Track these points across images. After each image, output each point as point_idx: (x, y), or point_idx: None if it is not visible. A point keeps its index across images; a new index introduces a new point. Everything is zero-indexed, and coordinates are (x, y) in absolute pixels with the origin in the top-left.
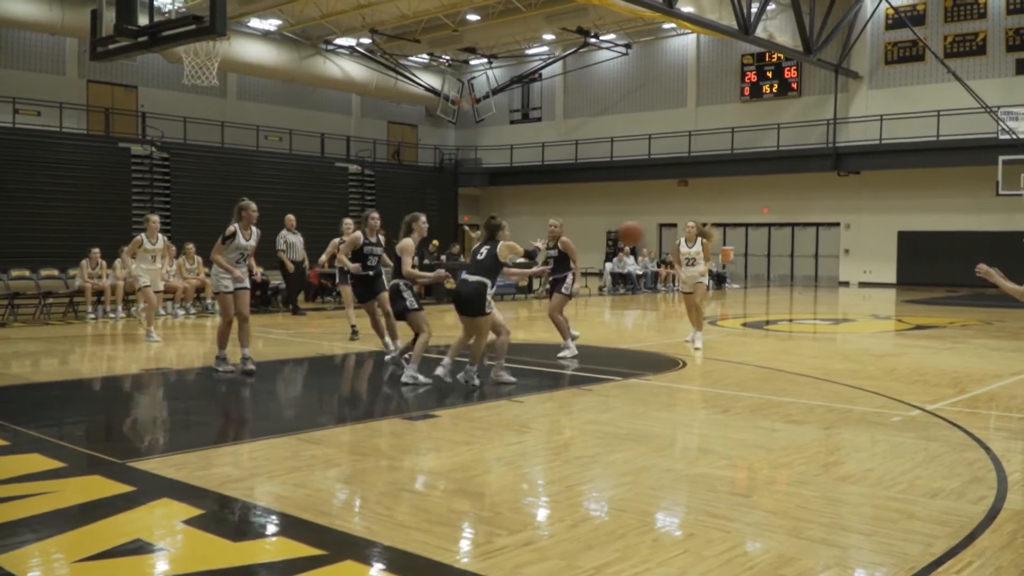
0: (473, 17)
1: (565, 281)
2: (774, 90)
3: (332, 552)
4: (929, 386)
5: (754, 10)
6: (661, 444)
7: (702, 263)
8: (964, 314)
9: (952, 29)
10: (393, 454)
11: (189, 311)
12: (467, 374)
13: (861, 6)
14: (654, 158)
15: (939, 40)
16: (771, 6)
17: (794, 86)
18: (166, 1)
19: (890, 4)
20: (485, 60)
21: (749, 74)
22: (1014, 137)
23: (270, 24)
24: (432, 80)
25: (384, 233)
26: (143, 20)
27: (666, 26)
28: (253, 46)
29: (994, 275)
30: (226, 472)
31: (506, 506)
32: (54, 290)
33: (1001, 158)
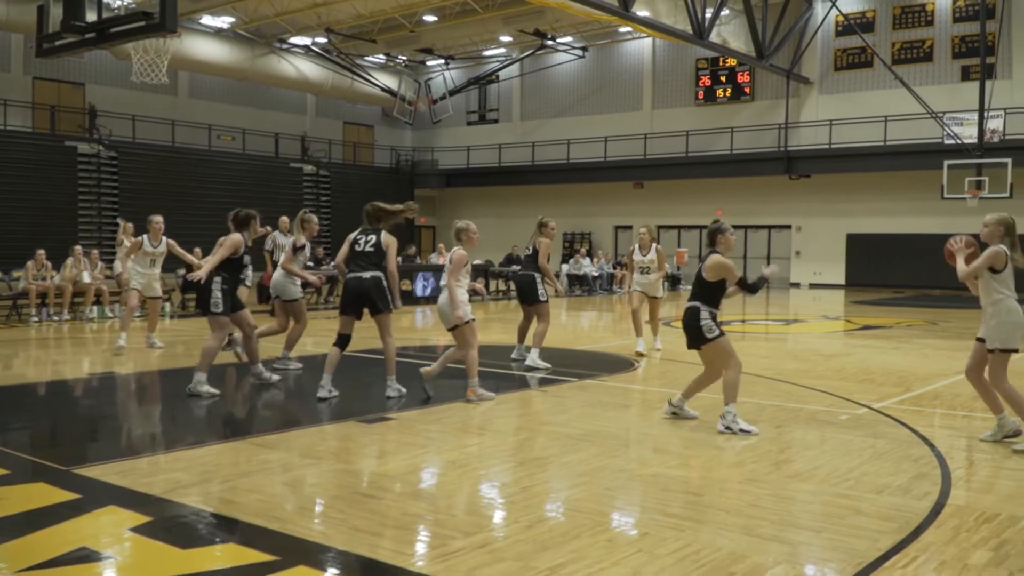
0: (430, 18)
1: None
2: (728, 94)
3: (284, 557)
4: (876, 385)
5: (708, 15)
6: (616, 444)
7: (656, 271)
8: (910, 315)
9: (900, 36)
10: (347, 458)
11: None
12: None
13: (812, 13)
14: (610, 160)
15: (887, 47)
16: (725, 12)
17: (747, 91)
18: None
19: (840, 11)
20: (442, 61)
21: (703, 78)
22: (959, 142)
23: (222, 21)
24: (389, 80)
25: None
26: (91, 16)
27: (622, 30)
28: (205, 44)
29: (960, 252)
30: (175, 478)
31: (461, 508)
32: None
33: (946, 162)
